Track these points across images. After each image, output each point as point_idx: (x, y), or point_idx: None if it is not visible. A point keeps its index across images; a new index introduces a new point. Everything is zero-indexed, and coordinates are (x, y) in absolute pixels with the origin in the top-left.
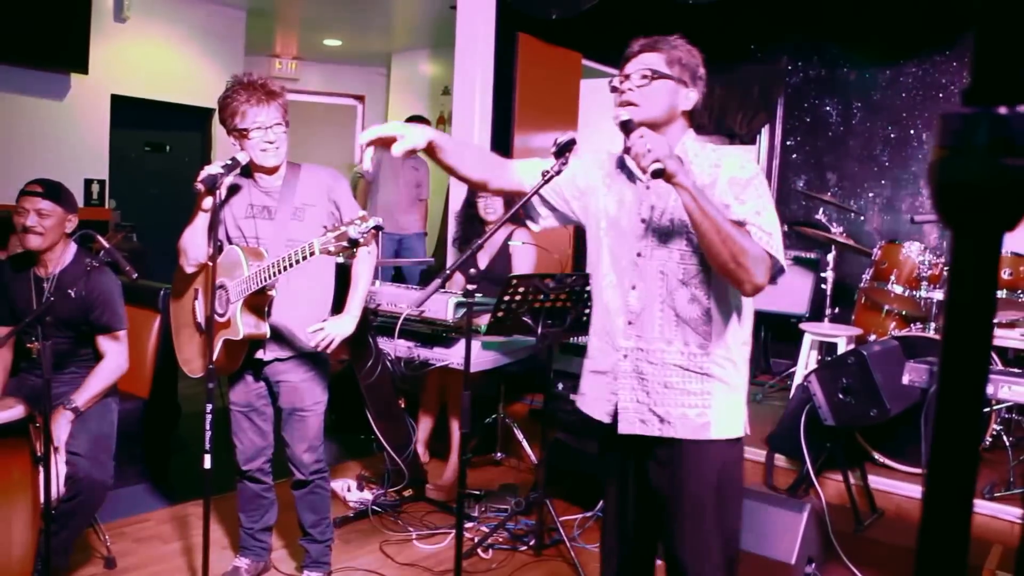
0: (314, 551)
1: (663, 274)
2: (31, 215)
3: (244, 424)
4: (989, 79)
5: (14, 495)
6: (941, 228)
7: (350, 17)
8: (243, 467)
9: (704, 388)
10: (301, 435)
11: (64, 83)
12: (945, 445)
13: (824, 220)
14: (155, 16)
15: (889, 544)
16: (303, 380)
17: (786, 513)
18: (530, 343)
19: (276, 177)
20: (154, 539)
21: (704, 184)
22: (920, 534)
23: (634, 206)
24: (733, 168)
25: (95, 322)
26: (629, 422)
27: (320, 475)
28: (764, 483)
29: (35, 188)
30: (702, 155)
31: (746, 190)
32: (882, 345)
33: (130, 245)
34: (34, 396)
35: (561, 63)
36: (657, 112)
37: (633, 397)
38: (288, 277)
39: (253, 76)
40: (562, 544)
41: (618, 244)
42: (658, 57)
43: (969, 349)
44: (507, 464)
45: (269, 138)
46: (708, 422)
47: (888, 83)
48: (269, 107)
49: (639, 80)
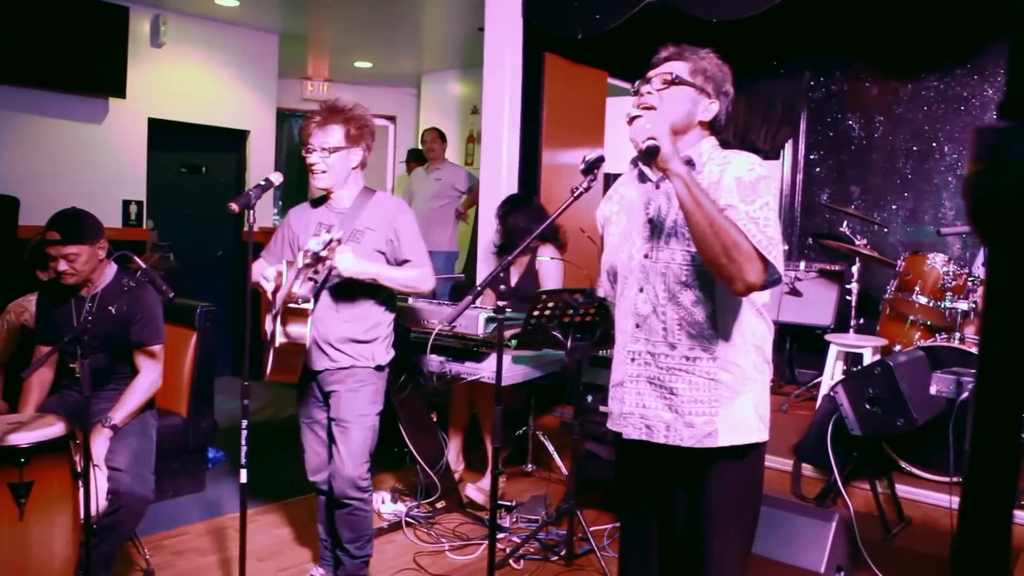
0: (349, 565)
1: (666, 275)
2: (61, 262)
3: (308, 436)
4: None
5: (55, 510)
6: (964, 239)
7: (380, 39)
8: (310, 479)
9: (711, 395)
10: (344, 447)
11: (103, 107)
12: (983, 456)
13: (848, 232)
14: (190, 41)
15: (917, 552)
16: (349, 391)
17: (815, 522)
18: (560, 356)
19: (346, 199)
20: (192, 552)
21: (711, 181)
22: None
23: (641, 207)
24: (740, 168)
25: (133, 337)
26: (635, 427)
27: (360, 494)
28: (792, 492)
29: (54, 236)
30: (716, 157)
31: (751, 192)
32: (908, 355)
33: (167, 264)
34: (74, 413)
35: (587, 82)
36: (673, 117)
37: (639, 402)
38: (343, 292)
39: (332, 101)
40: (593, 554)
41: (629, 247)
42: (683, 65)
43: (1006, 358)
44: (538, 475)
45: (312, 160)
46: (715, 430)
47: (910, 97)
48: (326, 130)
49: (659, 84)
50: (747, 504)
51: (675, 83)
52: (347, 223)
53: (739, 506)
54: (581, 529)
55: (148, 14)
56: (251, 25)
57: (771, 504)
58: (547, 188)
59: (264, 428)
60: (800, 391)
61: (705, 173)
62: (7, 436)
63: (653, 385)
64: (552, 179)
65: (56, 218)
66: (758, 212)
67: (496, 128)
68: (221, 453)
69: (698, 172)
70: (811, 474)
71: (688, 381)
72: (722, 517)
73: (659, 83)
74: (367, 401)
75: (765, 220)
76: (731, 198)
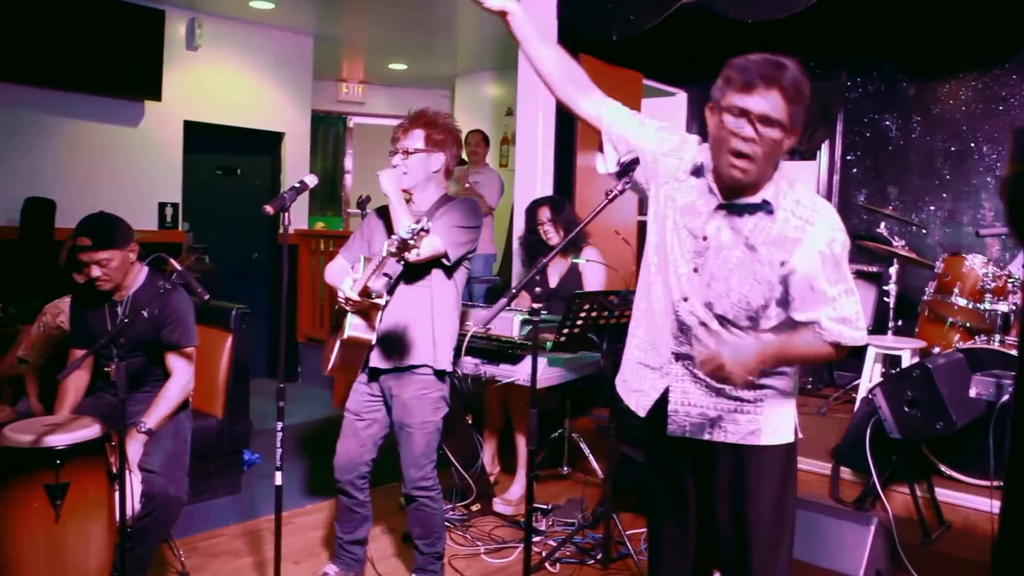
0: (419, 560)
1: (716, 302)
2: (94, 268)
3: (348, 429)
4: None
5: (91, 512)
6: (1004, 241)
7: (415, 41)
8: (336, 477)
9: (756, 395)
10: (407, 450)
11: (139, 110)
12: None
13: (886, 234)
14: (225, 44)
15: (958, 557)
16: (412, 397)
17: (853, 526)
18: (595, 359)
19: (425, 202)
20: (227, 554)
21: (789, 237)
22: (998, 549)
23: (702, 221)
24: (823, 239)
25: (165, 339)
26: (679, 425)
27: (426, 492)
28: (830, 496)
29: (85, 242)
30: (790, 197)
31: (836, 270)
32: (947, 358)
33: (203, 266)
34: (110, 415)
35: (622, 83)
36: (769, 168)
37: (684, 400)
38: (408, 292)
39: (421, 109)
40: (629, 558)
41: (677, 251)
42: (782, 101)
43: None
44: (573, 478)
45: (394, 162)
46: (759, 428)
47: (947, 97)
48: (407, 134)
49: (764, 129)
50: (786, 501)
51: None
52: None
53: (779, 503)
54: (617, 533)
55: (184, 17)
56: (286, 27)
57: (809, 508)
58: (581, 190)
59: (299, 430)
60: (838, 394)
61: (779, 220)
62: (44, 438)
63: (699, 384)
64: (586, 181)
65: (85, 224)
66: (842, 297)
67: (531, 130)
68: (257, 455)
69: (772, 217)
70: (849, 478)
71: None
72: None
73: (764, 128)
74: (430, 408)
75: (844, 304)
76: (817, 277)
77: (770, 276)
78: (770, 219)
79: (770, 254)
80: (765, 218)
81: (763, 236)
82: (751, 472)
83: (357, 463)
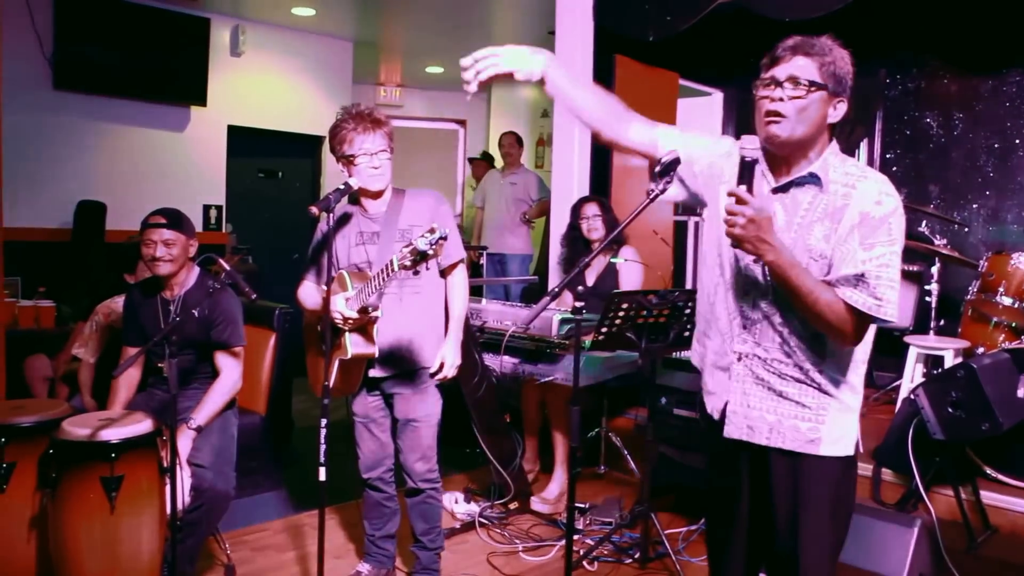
0: (424, 558)
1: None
2: (159, 246)
3: (364, 434)
4: None
5: (143, 504)
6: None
7: (451, 45)
8: (364, 475)
9: (820, 403)
10: (413, 444)
11: (184, 116)
12: None
13: (927, 232)
14: (268, 49)
15: (1005, 562)
16: (415, 392)
17: (896, 528)
18: (633, 358)
19: (381, 203)
20: (271, 548)
21: (834, 207)
22: None
23: None
24: (867, 200)
25: (216, 338)
26: (737, 426)
27: (432, 485)
28: (872, 498)
29: (158, 220)
30: (840, 170)
31: (877, 232)
32: (992, 358)
33: (246, 267)
34: (160, 411)
35: (658, 83)
36: (805, 128)
37: (744, 401)
38: (400, 298)
39: (360, 106)
40: (667, 557)
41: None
42: (812, 64)
43: None
44: (611, 477)
45: (375, 164)
46: (819, 437)
47: (990, 93)
48: (375, 134)
49: (792, 90)
50: (840, 514)
51: (810, 89)
52: (390, 226)
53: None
54: (655, 532)
55: (228, 24)
56: (326, 33)
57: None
58: (617, 190)
59: (339, 427)
60: (879, 394)
61: (830, 192)
62: (99, 432)
63: (761, 386)
64: (622, 181)
65: (161, 209)
66: (872, 265)
67: (568, 131)
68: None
69: (823, 191)
70: (891, 479)
71: (799, 388)
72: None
73: (792, 88)
74: (433, 400)
75: (876, 276)
76: (851, 239)
77: (825, 250)
78: (823, 194)
79: (825, 229)
80: (819, 194)
81: (819, 212)
82: (807, 481)
83: (382, 457)
